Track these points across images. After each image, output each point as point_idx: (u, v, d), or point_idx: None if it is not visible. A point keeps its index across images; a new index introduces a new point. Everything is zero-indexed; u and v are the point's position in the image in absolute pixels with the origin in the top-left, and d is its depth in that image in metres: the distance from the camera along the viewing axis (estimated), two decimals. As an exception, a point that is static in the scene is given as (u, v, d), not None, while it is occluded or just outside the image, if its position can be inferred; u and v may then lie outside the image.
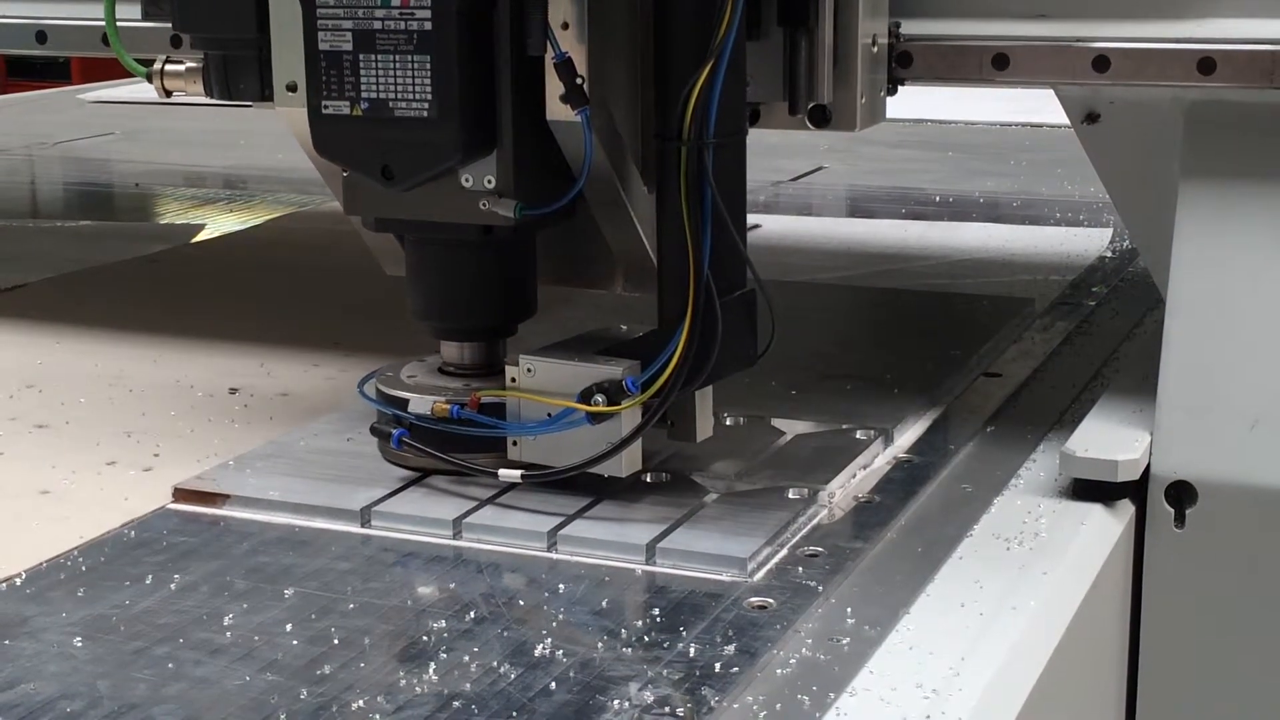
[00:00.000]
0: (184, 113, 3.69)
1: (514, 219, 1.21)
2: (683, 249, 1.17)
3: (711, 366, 1.19)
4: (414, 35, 1.18)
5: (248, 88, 1.30)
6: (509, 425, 1.24)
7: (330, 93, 1.22)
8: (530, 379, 1.23)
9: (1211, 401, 1.29)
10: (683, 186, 1.16)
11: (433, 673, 0.99)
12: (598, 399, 1.19)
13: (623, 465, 1.21)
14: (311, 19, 1.22)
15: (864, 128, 1.33)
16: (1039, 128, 3.26)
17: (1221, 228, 1.33)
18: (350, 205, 1.28)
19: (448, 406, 1.25)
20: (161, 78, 1.41)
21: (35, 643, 1.03)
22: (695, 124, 1.15)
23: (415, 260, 1.32)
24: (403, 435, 1.26)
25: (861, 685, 0.99)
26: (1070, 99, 1.41)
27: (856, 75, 1.31)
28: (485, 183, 1.21)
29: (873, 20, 1.33)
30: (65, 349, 1.71)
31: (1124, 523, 1.29)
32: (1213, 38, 1.30)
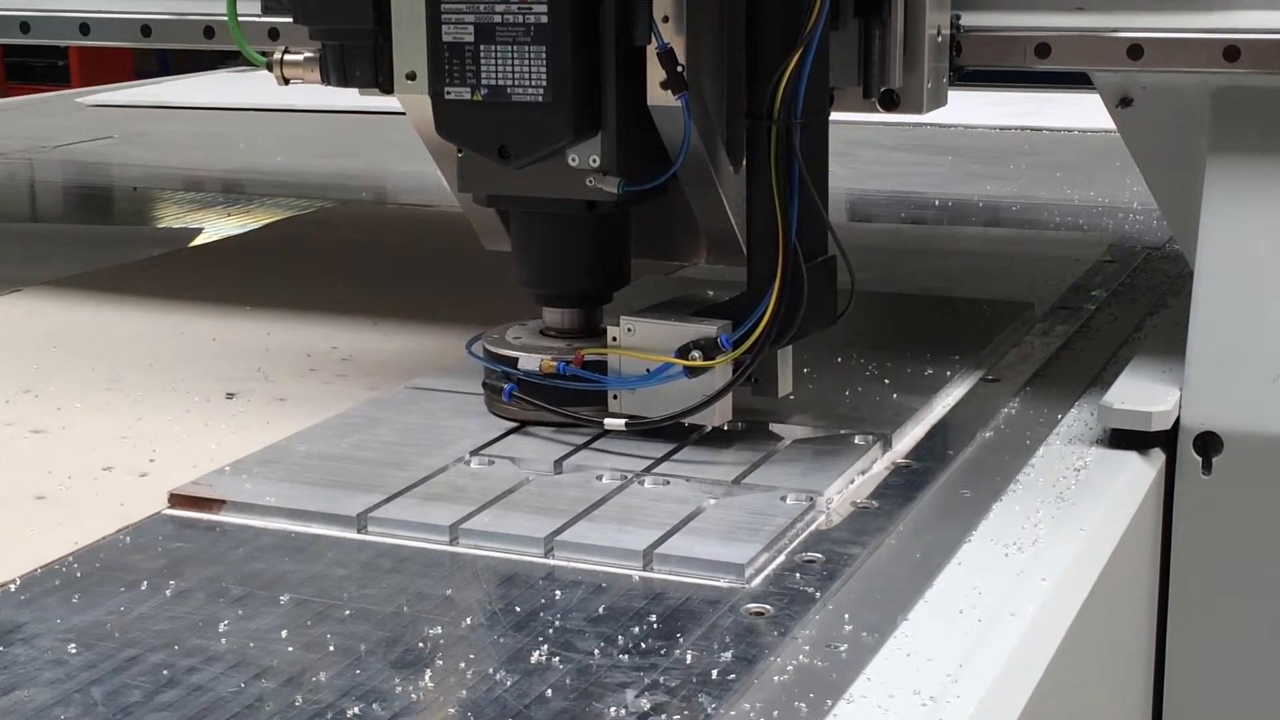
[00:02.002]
0: (183, 116, 3.70)
1: (616, 195, 1.33)
2: (772, 218, 1.29)
3: (798, 325, 1.31)
4: (531, 27, 1.31)
5: (363, 75, 1.41)
6: (611, 380, 1.35)
7: (453, 79, 1.34)
8: (630, 337, 1.34)
9: (1236, 358, 1.41)
10: (773, 162, 1.29)
11: (428, 679, 0.99)
12: (695, 354, 1.30)
13: (715, 415, 1.32)
14: (436, 13, 1.34)
15: (929, 110, 1.46)
16: (1039, 131, 3.26)
17: (1245, 200, 1.45)
18: (464, 183, 1.41)
19: (555, 363, 1.36)
20: (281, 67, 1.48)
21: (29, 649, 1.03)
22: (785, 105, 1.27)
23: (523, 233, 1.44)
24: (513, 389, 1.38)
25: (859, 692, 0.99)
26: (1105, 84, 1.52)
27: (924, 63, 1.44)
28: (590, 162, 1.34)
29: (938, 12, 1.46)
30: (62, 353, 1.71)
31: (1156, 470, 1.40)
32: (1237, 28, 1.42)
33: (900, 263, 2.13)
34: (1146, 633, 1.44)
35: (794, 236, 1.29)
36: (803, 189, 1.29)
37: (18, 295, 1.97)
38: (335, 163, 3.09)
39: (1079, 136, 3.17)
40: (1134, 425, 1.40)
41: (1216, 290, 1.44)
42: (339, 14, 1.39)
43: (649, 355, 1.33)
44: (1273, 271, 1.43)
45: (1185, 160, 1.51)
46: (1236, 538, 1.42)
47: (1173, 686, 1.46)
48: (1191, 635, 1.44)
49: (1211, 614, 1.43)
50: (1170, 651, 1.45)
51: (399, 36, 1.37)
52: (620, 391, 1.35)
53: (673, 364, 1.31)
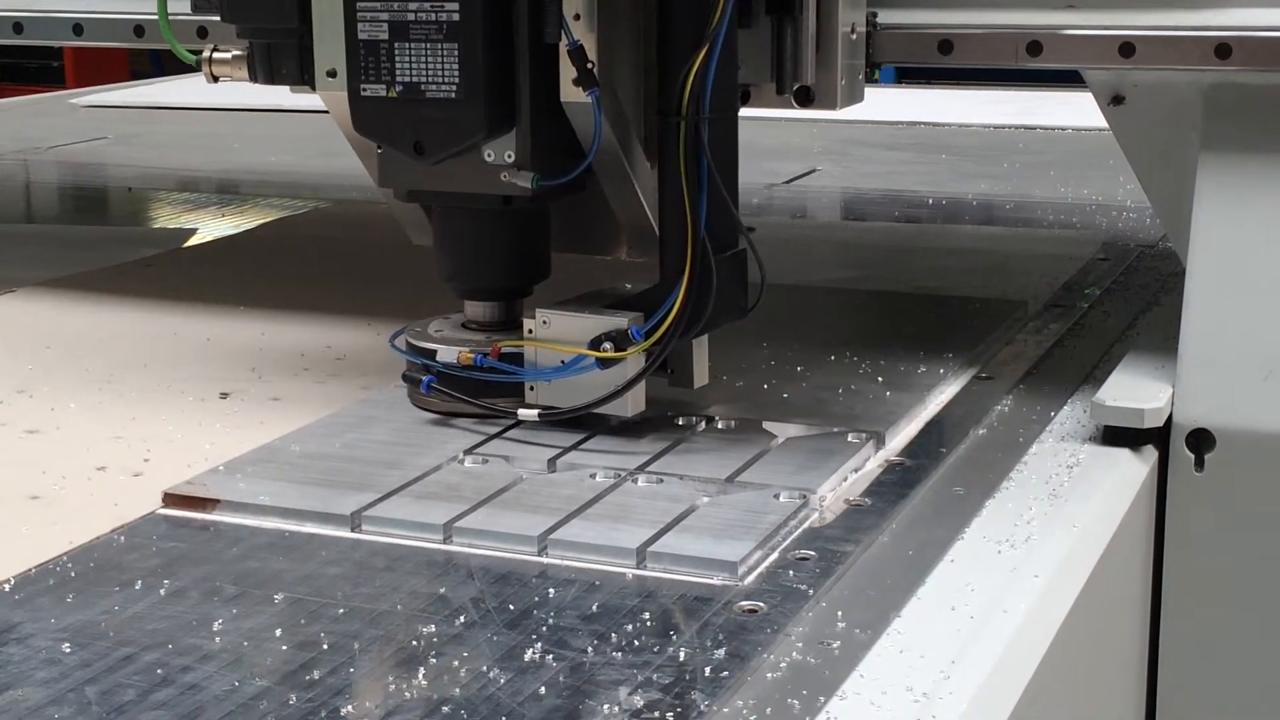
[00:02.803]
0: (177, 117, 3.70)
1: (531, 190, 1.35)
2: (681, 213, 1.31)
3: (707, 317, 1.33)
4: (443, 25, 1.33)
5: (289, 72, 1.43)
6: (526, 371, 1.38)
7: (368, 77, 1.37)
8: (546, 330, 1.37)
9: (1228, 355, 1.41)
10: (681, 157, 1.30)
11: (422, 677, 0.99)
12: (606, 346, 1.33)
13: (628, 406, 1.35)
14: (352, 12, 1.36)
15: (844, 107, 1.47)
16: (1032, 130, 3.27)
17: (1237, 197, 1.45)
18: (384, 178, 1.43)
19: (472, 355, 1.38)
20: (210, 65, 1.50)
21: (24, 649, 1.03)
22: (692, 102, 1.29)
23: (442, 228, 1.46)
24: (431, 381, 1.40)
25: (852, 689, 0.99)
26: (1097, 82, 1.52)
27: (837, 60, 1.45)
28: (505, 157, 1.36)
29: (852, 10, 1.47)
30: (56, 353, 1.71)
31: (1149, 467, 1.40)
32: (1229, 25, 1.43)
33: (893, 261, 2.14)
34: (1139, 629, 1.44)
35: (703, 231, 1.31)
36: (711, 184, 1.31)
37: (12, 296, 1.97)
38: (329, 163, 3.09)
39: (1072, 135, 3.18)
40: (1126, 422, 1.40)
41: (1208, 288, 1.44)
42: (264, 13, 1.41)
43: (563, 347, 1.35)
44: (1265, 269, 1.43)
45: (1177, 158, 1.51)
46: (1228, 534, 1.42)
47: (1165, 683, 1.46)
48: (1184, 632, 1.44)
49: (1204, 610, 1.44)
50: (1163, 648, 1.45)
51: (319, 34, 1.39)
52: (536, 383, 1.37)
53: (586, 355, 1.33)
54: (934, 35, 1.52)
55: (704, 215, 1.31)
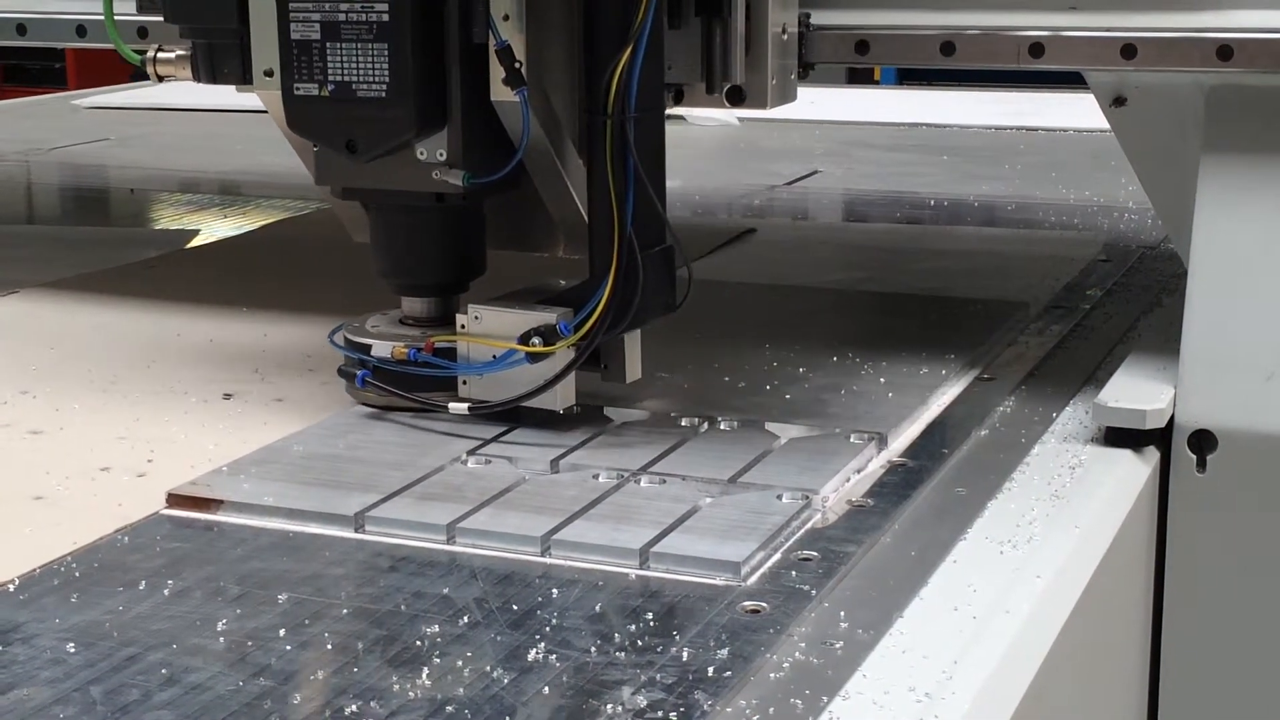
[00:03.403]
0: (179, 118, 3.70)
1: (462, 187, 1.38)
2: (609, 210, 1.33)
3: (634, 312, 1.35)
4: (373, 26, 1.35)
5: (231, 72, 1.45)
6: (459, 366, 1.40)
7: (301, 76, 1.39)
8: (477, 325, 1.39)
9: (1230, 356, 1.41)
10: (608, 155, 1.32)
11: (426, 677, 0.99)
12: (535, 341, 1.35)
13: (557, 399, 1.37)
14: (285, 12, 1.38)
15: (774, 106, 1.49)
16: (1034, 131, 3.27)
17: (1239, 199, 1.45)
18: (321, 176, 1.46)
19: (406, 350, 1.41)
20: (154, 64, 1.52)
21: (28, 649, 1.03)
22: (618, 100, 1.31)
23: (378, 225, 1.49)
24: (366, 375, 1.43)
25: (855, 689, 0.99)
26: (1099, 84, 1.53)
27: (767, 60, 1.47)
28: (437, 155, 1.38)
29: (782, 11, 1.49)
30: (59, 354, 1.71)
31: (1151, 467, 1.41)
32: (1231, 27, 1.43)
33: (896, 262, 2.14)
34: (1141, 630, 1.44)
35: (629, 227, 1.33)
36: (638, 182, 1.33)
37: (15, 297, 1.97)
38: (331, 164, 3.09)
39: (1074, 136, 3.18)
40: (1128, 423, 1.40)
41: (1210, 289, 1.44)
42: (206, 13, 1.44)
43: (494, 342, 1.37)
44: (1266, 270, 1.43)
45: (1179, 159, 1.52)
46: (1231, 535, 1.42)
47: (1168, 683, 1.46)
48: (1186, 632, 1.44)
49: (1206, 611, 1.44)
50: (1165, 648, 1.46)
51: (256, 35, 1.41)
52: (468, 377, 1.40)
53: (515, 350, 1.36)
54: (936, 37, 1.52)
55: (630, 212, 1.33)
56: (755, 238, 2.30)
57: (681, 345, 1.65)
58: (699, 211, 2.64)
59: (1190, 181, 1.48)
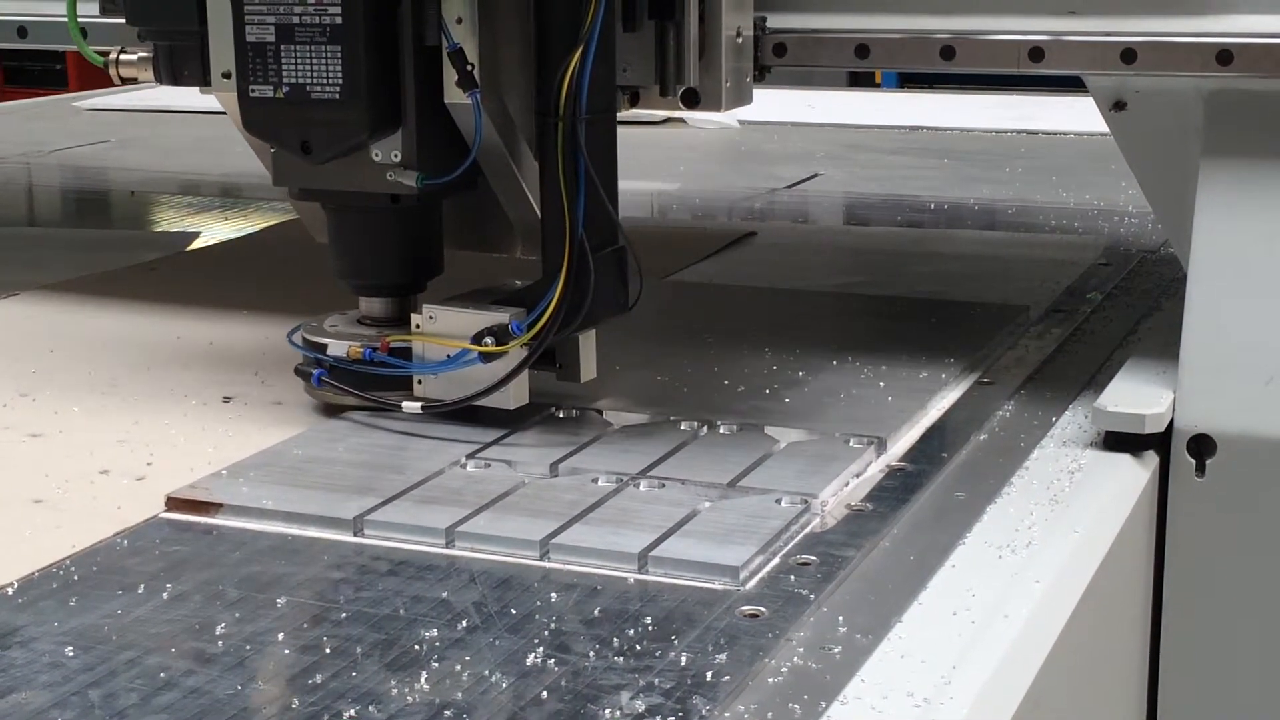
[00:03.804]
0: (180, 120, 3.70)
1: (416, 188, 1.39)
2: (560, 211, 1.34)
3: (586, 312, 1.36)
4: (327, 28, 1.36)
5: (191, 74, 1.47)
6: (414, 365, 1.42)
7: (256, 78, 1.40)
8: (432, 325, 1.41)
9: (1230, 361, 1.41)
10: (559, 157, 1.33)
11: (424, 681, 0.99)
12: (488, 340, 1.37)
13: (510, 398, 1.39)
14: (240, 14, 1.39)
15: (729, 109, 1.50)
16: (1034, 135, 3.27)
17: (1239, 203, 1.45)
18: (278, 177, 1.47)
19: (361, 350, 1.42)
20: (117, 66, 1.55)
21: (27, 652, 1.03)
22: (569, 102, 1.32)
23: (335, 225, 1.50)
24: (322, 375, 1.45)
25: (853, 694, 0.99)
26: (1099, 88, 1.53)
27: (721, 63, 1.47)
28: (392, 157, 1.40)
29: (736, 14, 1.50)
30: (59, 357, 1.71)
31: (1150, 472, 1.41)
32: (1231, 32, 1.43)
33: (896, 266, 2.14)
34: (1140, 634, 1.44)
35: (580, 228, 1.34)
36: (589, 183, 1.34)
37: (15, 299, 1.97)
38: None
39: (1074, 140, 3.18)
40: (1128, 428, 1.40)
41: (1210, 293, 1.44)
42: (166, 15, 1.45)
43: (448, 341, 1.39)
44: (1266, 274, 1.43)
45: (1179, 163, 1.51)
46: (1230, 540, 1.42)
47: (1167, 688, 1.46)
48: (1185, 637, 1.44)
49: (1205, 615, 1.44)
50: (1164, 653, 1.46)
51: (214, 37, 1.42)
52: (423, 376, 1.41)
53: (469, 349, 1.37)
54: (937, 41, 1.52)
55: (581, 214, 1.34)
56: (755, 241, 2.30)
57: (680, 349, 1.65)
58: (699, 214, 2.64)
59: (1190, 186, 1.48)
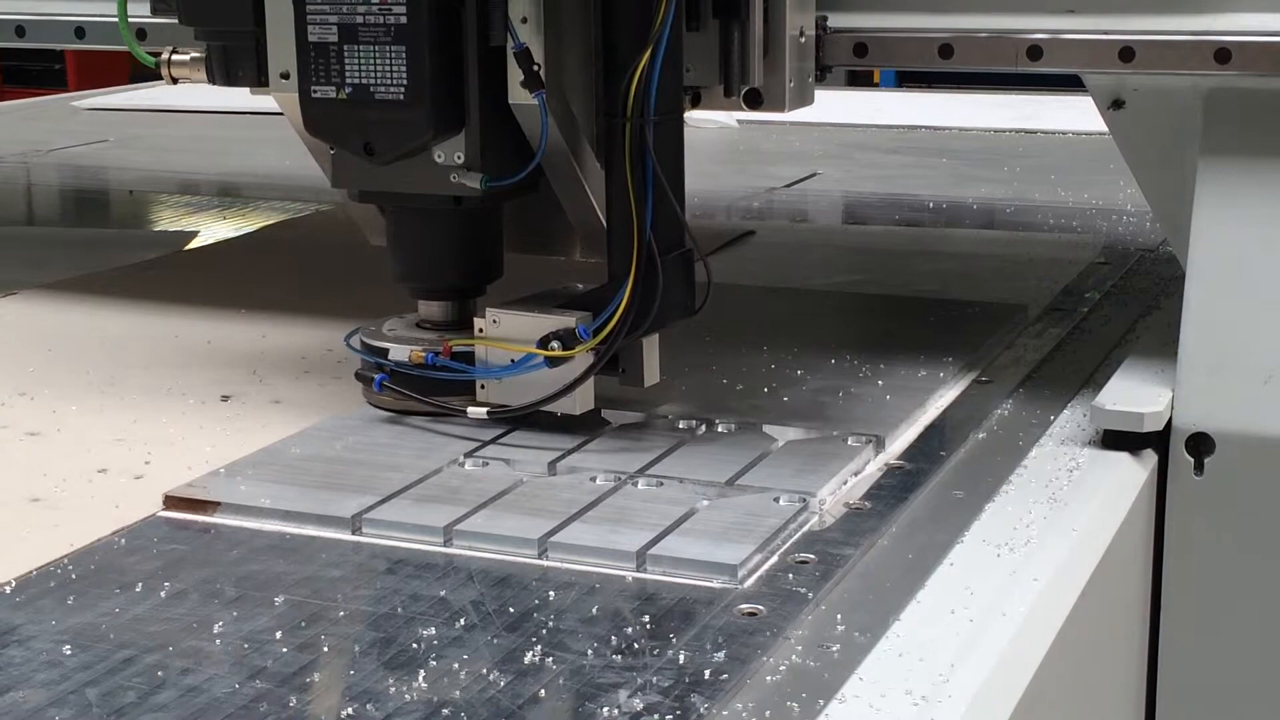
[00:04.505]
0: (179, 120, 3.70)
1: (480, 190, 1.37)
2: (627, 214, 1.33)
3: (653, 316, 1.34)
4: (391, 28, 1.34)
5: (246, 74, 1.45)
6: (477, 370, 1.40)
7: (318, 79, 1.37)
8: (496, 329, 1.39)
9: (1228, 359, 1.41)
10: (627, 159, 1.32)
11: (422, 680, 0.99)
12: (554, 345, 1.35)
13: (576, 404, 1.36)
14: (301, 14, 1.37)
15: (792, 109, 1.48)
16: (1032, 134, 3.27)
17: (1237, 201, 1.45)
18: (338, 179, 1.45)
19: (424, 354, 1.40)
20: (169, 66, 1.51)
21: (24, 651, 1.03)
22: (637, 103, 1.30)
23: (395, 228, 1.48)
24: (384, 379, 1.42)
25: (851, 692, 0.99)
26: (1097, 86, 1.53)
27: (785, 63, 1.46)
28: (455, 158, 1.38)
29: (800, 14, 1.48)
30: (57, 356, 1.71)
31: (1148, 471, 1.41)
32: (1229, 30, 1.43)
33: (894, 265, 2.14)
34: (1138, 633, 1.44)
35: (648, 231, 1.32)
36: (657, 185, 1.32)
37: (13, 298, 1.97)
38: (331, 166, 3.09)
39: (1073, 139, 3.18)
40: (1126, 426, 1.40)
41: (1208, 292, 1.44)
42: (221, 15, 1.43)
43: (512, 346, 1.37)
44: (1264, 273, 1.43)
45: (1177, 162, 1.52)
46: (1228, 538, 1.42)
47: (1165, 687, 1.46)
48: (1183, 636, 1.44)
49: (1203, 614, 1.44)
50: (1162, 652, 1.46)
51: (272, 37, 1.41)
52: (486, 381, 1.39)
53: (534, 354, 1.35)
54: (935, 39, 1.52)
55: (649, 216, 1.32)
56: (754, 240, 2.30)
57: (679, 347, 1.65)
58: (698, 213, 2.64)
59: (1188, 184, 1.48)
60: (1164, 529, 1.44)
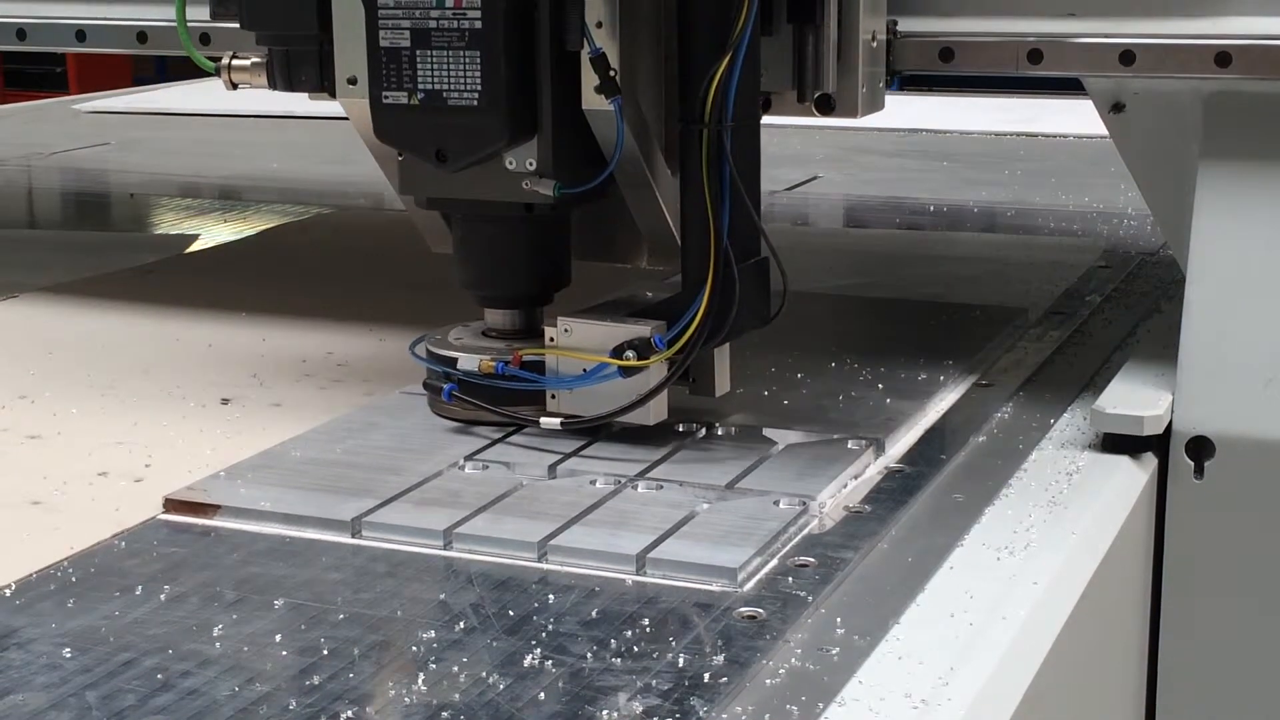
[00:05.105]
0: (180, 123, 3.70)
1: (553, 197, 1.35)
2: (704, 221, 1.31)
3: (730, 325, 1.33)
4: (465, 33, 1.33)
5: (308, 79, 1.43)
6: (548, 380, 1.37)
7: (390, 84, 1.36)
8: (567, 338, 1.36)
9: (1228, 363, 1.41)
10: (704, 165, 1.30)
11: (422, 683, 0.99)
12: (629, 354, 1.32)
13: (650, 414, 1.34)
14: (374, 19, 1.36)
15: (865, 114, 1.46)
16: (1034, 137, 3.27)
17: (1237, 205, 1.46)
18: (405, 186, 1.43)
19: (493, 364, 1.37)
20: (229, 71, 1.50)
21: (24, 653, 1.03)
22: (715, 109, 1.29)
23: (463, 235, 1.46)
24: (453, 389, 1.39)
25: (850, 695, 0.99)
26: (1098, 90, 1.53)
27: (858, 67, 1.45)
28: (527, 165, 1.36)
29: (872, 18, 1.47)
30: (58, 359, 1.71)
31: (1148, 474, 1.41)
32: (1229, 34, 1.43)
33: (895, 268, 2.14)
34: (1138, 636, 1.44)
35: (725, 239, 1.31)
36: (734, 192, 1.31)
37: (14, 301, 1.98)
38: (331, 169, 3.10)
39: (1074, 142, 3.18)
40: (1126, 429, 1.40)
41: (1208, 295, 1.44)
42: (284, 20, 1.42)
43: (585, 355, 1.35)
44: (1264, 276, 1.43)
45: (1177, 165, 1.52)
46: (1228, 542, 1.42)
47: (1165, 691, 1.46)
48: (1183, 639, 1.44)
49: (1203, 618, 1.44)
50: (1162, 655, 1.46)
51: (340, 42, 1.39)
52: (558, 391, 1.37)
53: (608, 364, 1.33)
54: (935, 43, 1.52)
55: (726, 223, 1.31)
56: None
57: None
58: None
59: (1189, 188, 1.48)
60: (1164, 532, 1.44)
